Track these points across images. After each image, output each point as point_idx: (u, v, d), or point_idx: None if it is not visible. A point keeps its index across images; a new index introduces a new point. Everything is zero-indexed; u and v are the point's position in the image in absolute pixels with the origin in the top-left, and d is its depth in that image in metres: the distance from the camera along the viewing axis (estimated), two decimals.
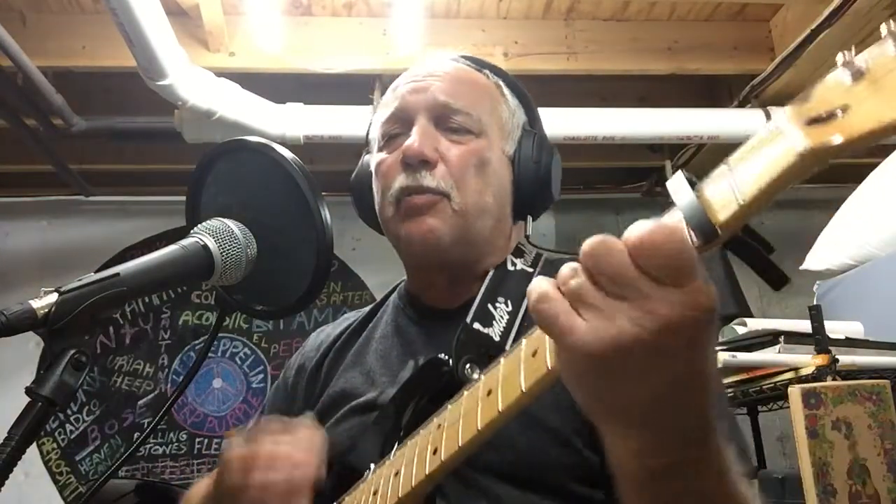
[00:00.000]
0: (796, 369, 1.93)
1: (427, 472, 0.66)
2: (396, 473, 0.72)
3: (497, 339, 0.84)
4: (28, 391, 0.62)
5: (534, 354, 0.56)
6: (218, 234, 0.77)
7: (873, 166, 2.46)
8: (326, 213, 0.82)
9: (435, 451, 0.66)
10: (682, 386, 0.49)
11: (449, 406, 0.67)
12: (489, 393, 0.61)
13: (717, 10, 2.94)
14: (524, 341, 0.58)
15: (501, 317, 0.86)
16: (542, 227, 3.75)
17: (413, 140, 0.89)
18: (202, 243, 0.76)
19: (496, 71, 1.02)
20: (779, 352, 1.99)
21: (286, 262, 0.84)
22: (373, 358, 0.98)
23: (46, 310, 0.62)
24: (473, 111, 0.93)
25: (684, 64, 2.97)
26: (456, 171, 0.90)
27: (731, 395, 2.19)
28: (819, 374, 1.83)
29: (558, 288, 0.49)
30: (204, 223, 0.79)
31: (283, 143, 1.53)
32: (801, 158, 0.44)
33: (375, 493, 0.75)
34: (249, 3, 2.61)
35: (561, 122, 2.89)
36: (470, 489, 0.80)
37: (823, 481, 1.66)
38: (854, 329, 2.12)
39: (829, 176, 3.78)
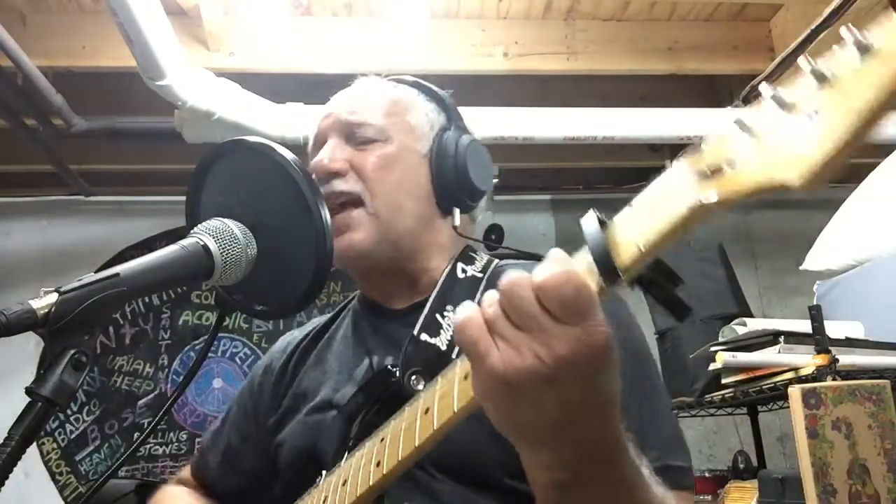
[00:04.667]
0: (796, 369, 1.93)
1: (371, 484, 0.70)
2: (344, 482, 0.75)
3: (444, 348, 0.87)
4: (28, 391, 0.62)
5: (465, 377, 0.60)
6: (218, 234, 0.77)
7: (873, 166, 2.46)
8: (326, 213, 0.82)
9: (378, 464, 0.70)
10: (577, 411, 0.55)
11: (392, 421, 0.71)
12: (427, 411, 0.65)
13: (717, 10, 2.94)
14: (458, 363, 0.62)
15: (449, 325, 0.89)
16: (542, 227, 3.75)
17: (319, 157, 0.98)
18: (202, 243, 0.76)
19: (410, 83, 1.09)
20: (779, 352, 1.99)
21: (286, 262, 0.83)
22: (332, 358, 1.02)
23: (46, 310, 0.62)
24: (376, 121, 1.00)
25: (684, 64, 2.97)
26: (365, 175, 0.96)
27: (732, 394, 2.19)
28: (819, 374, 1.83)
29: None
30: (204, 223, 0.79)
31: (283, 143, 1.52)
32: (691, 211, 0.46)
33: (325, 500, 0.78)
34: (249, 3, 2.61)
35: (561, 122, 2.89)
36: (408, 482, 0.82)
37: (823, 481, 1.66)
38: (854, 329, 2.12)
39: None
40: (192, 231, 0.79)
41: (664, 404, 0.88)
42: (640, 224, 0.49)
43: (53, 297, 0.63)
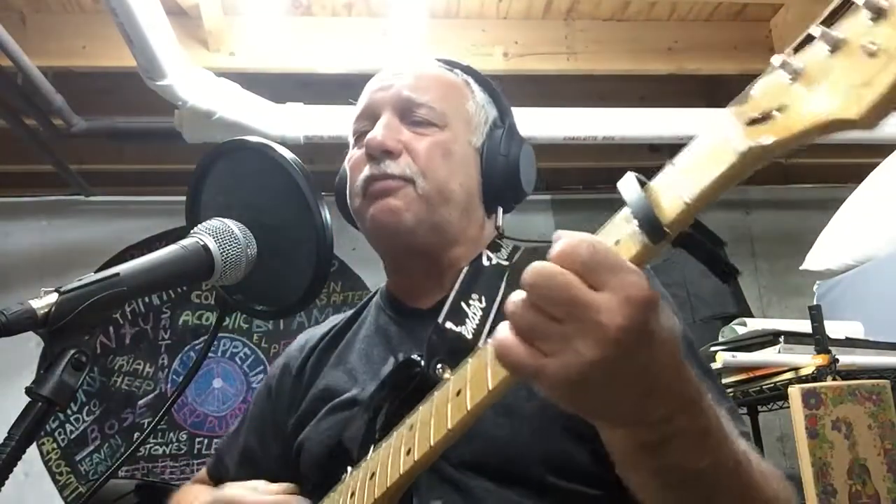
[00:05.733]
0: (796, 369, 1.93)
1: (401, 472, 0.68)
2: (372, 475, 0.73)
3: (469, 336, 0.85)
4: (28, 391, 0.62)
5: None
6: (218, 234, 0.78)
7: (873, 166, 2.46)
8: (326, 213, 0.83)
9: (408, 452, 0.67)
10: (651, 373, 0.52)
11: (420, 407, 0.69)
12: (458, 392, 0.62)
13: (717, 10, 2.94)
14: (490, 340, 0.59)
15: (475, 314, 0.87)
16: (542, 226, 3.75)
17: (375, 132, 0.92)
18: (202, 243, 0.76)
19: (466, 69, 1.04)
20: (779, 352, 1.99)
21: (286, 262, 0.84)
22: (355, 357, 0.99)
23: (46, 310, 0.62)
24: (437, 105, 0.95)
25: (684, 64, 2.97)
26: (420, 159, 0.92)
27: (732, 394, 2.19)
28: (819, 374, 1.83)
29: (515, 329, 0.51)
30: (204, 223, 0.79)
31: (283, 143, 1.52)
32: (742, 157, 0.45)
33: (353, 494, 0.76)
34: (249, 3, 2.61)
35: (561, 122, 2.89)
36: (444, 483, 0.81)
37: (823, 481, 1.66)
38: (854, 329, 2.12)
39: (829, 176, 3.79)
40: (192, 231, 0.79)
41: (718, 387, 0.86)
42: (684, 179, 0.48)
43: (53, 297, 0.63)
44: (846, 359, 1.88)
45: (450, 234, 0.94)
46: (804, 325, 1.95)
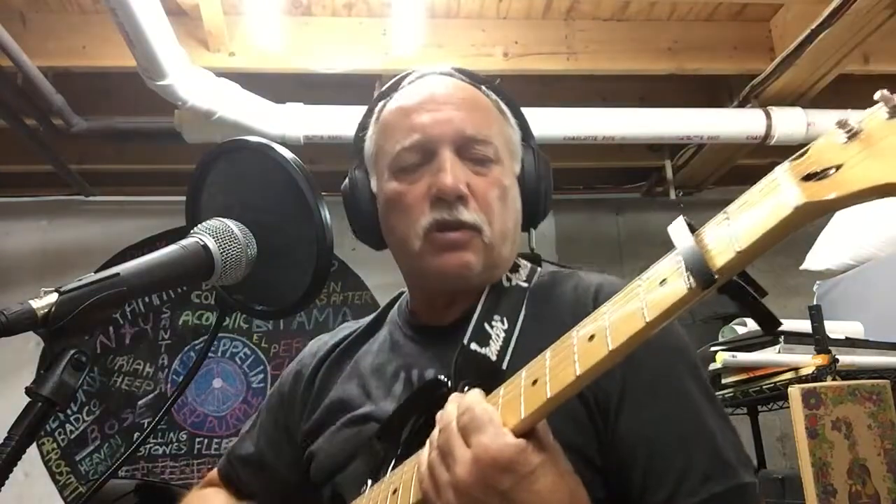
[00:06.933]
0: (796, 369, 1.93)
1: None
2: (394, 491, 0.73)
3: (494, 358, 0.84)
4: (28, 391, 0.62)
5: (534, 384, 0.61)
6: (218, 234, 0.78)
7: None
8: (326, 213, 0.82)
9: None
10: None
11: None
12: None
13: (717, 10, 2.94)
14: (524, 372, 0.64)
15: (498, 335, 0.86)
16: (542, 226, 3.72)
17: (447, 176, 0.88)
18: (202, 243, 0.76)
19: (491, 86, 1.01)
20: (779, 352, 1.99)
21: (286, 262, 0.84)
22: (369, 371, 0.98)
23: (46, 310, 0.62)
24: (492, 139, 0.93)
25: (684, 64, 2.97)
26: (485, 204, 0.90)
27: (732, 394, 2.19)
28: (819, 374, 1.83)
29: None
30: (204, 223, 0.79)
31: (283, 143, 1.52)
32: (796, 212, 0.46)
33: None
34: (249, 3, 2.61)
35: (561, 122, 2.89)
36: None
37: (823, 481, 1.66)
38: (854, 329, 2.12)
39: None
40: (192, 231, 0.79)
41: (710, 417, 0.80)
42: (735, 227, 0.49)
43: (53, 297, 0.63)
44: (846, 359, 1.88)
45: (503, 269, 0.94)
46: (804, 325, 1.95)
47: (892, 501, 1.67)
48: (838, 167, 0.45)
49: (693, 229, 0.52)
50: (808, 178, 0.46)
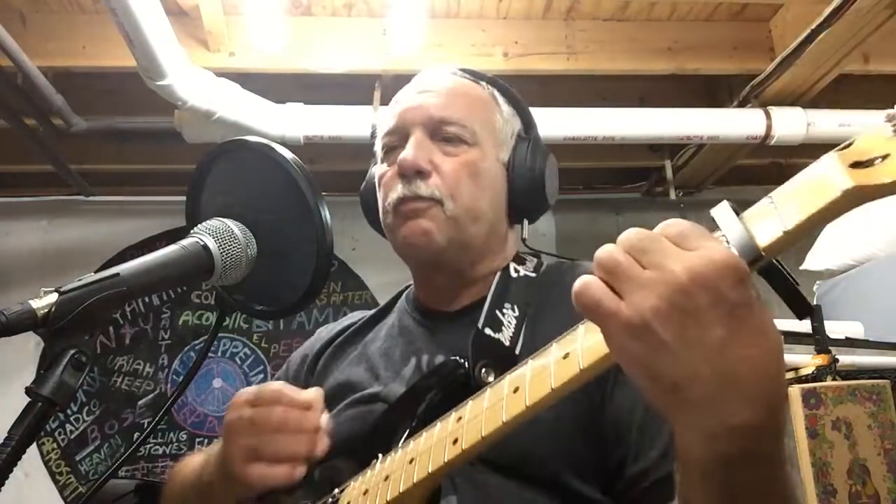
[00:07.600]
0: (796, 369, 1.93)
1: (446, 460, 0.69)
2: (411, 461, 0.74)
3: (507, 343, 0.87)
4: (28, 391, 0.62)
5: (565, 357, 0.60)
6: (218, 234, 0.77)
7: None
8: (326, 213, 0.82)
9: (455, 441, 0.69)
10: (733, 361, 0.48)
11: (470, 402, 0.70)
12: (516, 390, 0.64)
13: (717, 10, 2.94)
14: (554, 345, 0.62)
15: (510, 322, 0.89)
16: (542, 226, 3.74)
17: (407, 153, 0.95)
18: (202, 243, 0.76)
19: (491, 81, 1.06)
20: None
21: (286, 262, 0.84)
22: (377, 355, 1.01)
23: (46, 310, 0.62)
24: (467, 122, 0.97)
25: (684, 64, 2.97)
26: (450, 181, 0.95)
27: None
28: (819, 374, 1.83)
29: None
30: (204, 223, 0.79)
31: (283, 143, 1.52)
32: (845, 195, 0.49)
33: (387, 478, 0.76)
34: (249, 3, 2.61)
35: (561, 122, 2.89)
36: (459, 479, 0.81)
37: (823, 481, 1.66)
38: (854, 329, 2.12)
39: None
40: (192, 231, 0.79)
41: None
42: (782, 210, 0.51)
43: (53, 297, 0.63)
44: (846, 359, 1.88)
45: (477, 250, 0.98)
46: (804, 325, 1.95)
47: (893, 501, 1.67)
48: (885, 157, 0.48)
49: (737, 213, 0.53)
50: (856, 165, 0.49)
